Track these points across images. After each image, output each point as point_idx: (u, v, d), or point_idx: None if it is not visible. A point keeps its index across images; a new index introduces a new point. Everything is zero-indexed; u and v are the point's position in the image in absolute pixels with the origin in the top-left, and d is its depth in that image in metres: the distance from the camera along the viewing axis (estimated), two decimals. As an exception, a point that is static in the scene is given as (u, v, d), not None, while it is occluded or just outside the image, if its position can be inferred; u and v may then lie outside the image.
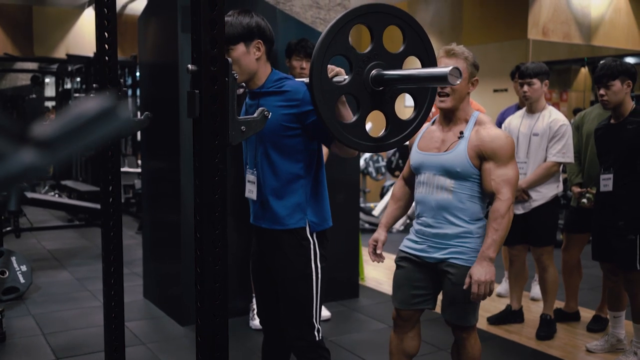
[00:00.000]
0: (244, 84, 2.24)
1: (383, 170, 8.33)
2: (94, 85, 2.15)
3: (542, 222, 3.79)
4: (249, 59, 2.16)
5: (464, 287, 2.34)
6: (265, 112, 1.48)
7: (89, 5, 12.49)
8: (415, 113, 1.95)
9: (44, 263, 5.73)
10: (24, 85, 12.40)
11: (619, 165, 3.34)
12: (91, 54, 8.69)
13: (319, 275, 2.24)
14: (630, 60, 10.57)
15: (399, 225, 7.37)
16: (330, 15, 4.61)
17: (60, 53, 11.90)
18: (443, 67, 1.65)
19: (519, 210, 3.75)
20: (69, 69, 10.15)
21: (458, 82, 1.62)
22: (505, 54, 8.91)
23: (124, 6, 12.23)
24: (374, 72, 1.79)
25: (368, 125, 7.31)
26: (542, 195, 3.75)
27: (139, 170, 7.40)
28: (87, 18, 12.63)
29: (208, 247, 1.35)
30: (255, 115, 1.47)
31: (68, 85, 10.62)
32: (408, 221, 7.22)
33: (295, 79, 2.23)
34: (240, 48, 2.13)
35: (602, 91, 3.34)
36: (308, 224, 2.21)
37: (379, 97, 1.82)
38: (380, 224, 2.69)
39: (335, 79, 1.86)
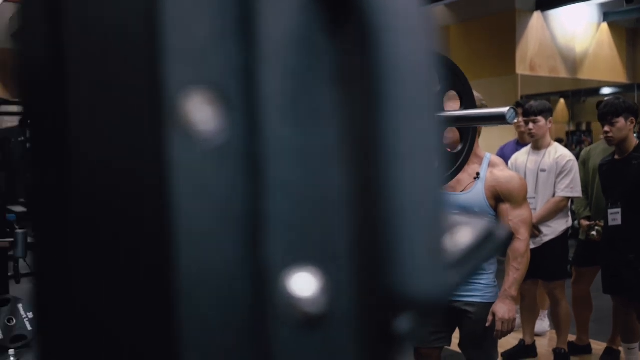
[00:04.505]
0: None
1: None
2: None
3: (554, 257, 3.85)
4: None
5: (487, 324, 2.39)
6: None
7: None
8: (462, 145, 1.99)
9: (46, 309, 5.65)
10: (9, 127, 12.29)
11: (626, 200, 3.42)
12: None
13: None
14: (608, 90, 10.84)
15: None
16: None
17: None
18: (500, 108, 1.70)
19: (531, 245, 3.81)
20: None
21: (515, 120, 1.69)
22: (494, 89, 9.10)
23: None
24: None
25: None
26: (553, 230, 3.82)
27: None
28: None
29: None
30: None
31: None
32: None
33: None
34: None
35: (606, 128, 3.44)
36: None
37: None
38: None
39: None
